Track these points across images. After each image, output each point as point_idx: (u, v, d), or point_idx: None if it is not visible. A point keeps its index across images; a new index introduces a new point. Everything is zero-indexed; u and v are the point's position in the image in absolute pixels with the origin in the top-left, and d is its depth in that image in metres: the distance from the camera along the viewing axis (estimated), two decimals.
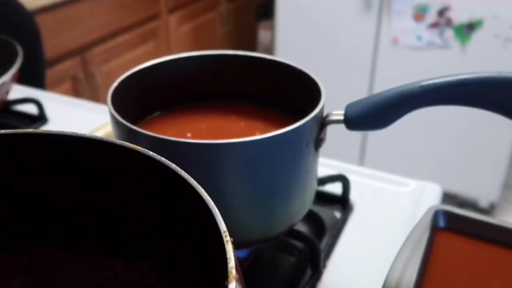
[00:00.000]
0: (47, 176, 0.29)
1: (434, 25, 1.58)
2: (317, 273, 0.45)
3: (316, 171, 0.44)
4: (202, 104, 0.49)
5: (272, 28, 1.94)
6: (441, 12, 1.56)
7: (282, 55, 1.81)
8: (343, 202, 0.54)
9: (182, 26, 1.98)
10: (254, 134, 0.35)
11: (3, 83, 0.61)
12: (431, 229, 0.43)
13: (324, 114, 0.40)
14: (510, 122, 0.38)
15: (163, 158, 0.25)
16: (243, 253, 0.46)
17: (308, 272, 0.45)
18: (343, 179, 0.53)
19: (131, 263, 0.31)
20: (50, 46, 1.45)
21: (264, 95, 0.49)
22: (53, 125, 0.71)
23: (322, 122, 0.40)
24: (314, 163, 0.42)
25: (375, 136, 1.78)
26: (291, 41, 1.80)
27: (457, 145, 1.73)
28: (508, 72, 0.35)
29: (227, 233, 0.20)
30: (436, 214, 0.44)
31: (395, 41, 1.63)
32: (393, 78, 1.65)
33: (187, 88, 0.49)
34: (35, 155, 0.28)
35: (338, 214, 0.53)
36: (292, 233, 0.45)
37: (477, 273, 0.41)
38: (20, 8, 1.07)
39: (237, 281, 0.18)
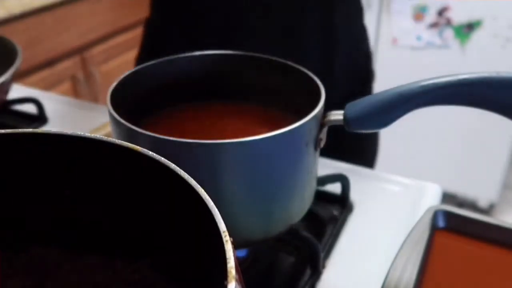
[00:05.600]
0: (47, 176, 0.29)
1: (434, 25, 1.58)
2: (316, 273, 0.45)
3: (316, 171, 0.44)
4: (202, 104, 0.49)
5: None
6: (441, 12, 1.56)
7: None
8: (342, 202, 0.54)
9: None
10: (254, 134, 0.35)
11: (3, 83, 0.61)
12: (430, 229, 0.43)
13: (324, 114, 0.40)
14: (510, 122, 0.38)
15: (163, 158, 0.25)
16: (242, 252, 0.46)
17: (308, 272, 0.45)
18: (343, 179, 0.53)
19: (130, 263, 0.31)
20: (50, 46, 1.45)
21: (264, 95, 0.49)
22: (53, 125, 0.71)
23: (322, 122, 0.40)
24: (313, 163, 0.42)
25: None
26: None
27: (457, 145, 1.73)
28: (507, 72, 0.35)
29: (226, 233, 0.21)
30: (436, 214, 0.44)
31: (394, 41, 1.63)
32: (393, 78, 1.65)
33: (187, 88, 0.49)
34: (35, 155, 0.28)
35: (337, 214, 0.53)
36: (292, 233, 0.45)
37: (476, 273, 0.41)
38: None
39: (236, 281, 0.19)
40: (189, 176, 0.24)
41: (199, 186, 0.23)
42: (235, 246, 0.22)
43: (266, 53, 0.48)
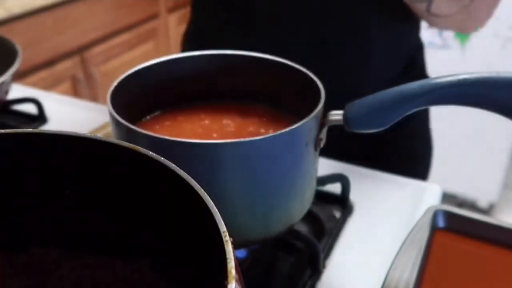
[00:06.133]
0: (47, 176, 0.29)
1: None
2: (316, 273, 0.45)
3: (315, 171, 0.44)
4: (202, 104, 0.49)
5: None
6: None
7: None
8: (342, 202, 0.54)
9: (182, 25, 1.97)
10: (254, 134, 0.35)
11: (3, 83, 0.61)
12: (430, 229, 0.43)
13: (324, 114, 0.40)
14: (510, 122, 0.38)
15: (163, 158, 0.25)
16: (242, 253, 0.46)
17: (308, 272, 0.45)
18: (343, 179, 0.53)
19: (130, 263, 0.31)
20: (50, 46, 1.45)
21: (264, 95, 0.49)
22: (53, 125, 0.71)
23: (322, 122, 0.40)
24: (313, 163, 0.42)
25: None
26: None
27: (457, 145, 1.73)
28: (507, 72, 0.35)
29: (226, 233, 0.20)
30: (436, 214, 0.44)
31: None
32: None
33: (187, 88, 0.49)
34: (35, 155, 0.28)
35: (337, 214, 0.53)
36: (292, 233, 0.45)
37: (476, 273, 0.41)
38: None
39: (236, 281, 0.19)
40: (189, 176, 0.24)
41: (199, 186, 0.23)
42: (235, 246, 0.22)
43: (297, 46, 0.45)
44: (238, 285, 0.19)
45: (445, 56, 1.60)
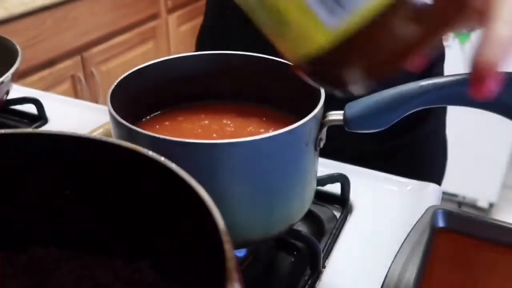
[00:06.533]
0: (47, 176, 0.29)
1: None
2: (316, 273, 0.45)
3: (315, 171, 0.44)
4: (202, 104, 0.49)
5: None
6: None
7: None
8: (342, 202, 0.54)
9: (182, 26, 1.98)
10: (254, 134, 0.35)
11: (3, 83, 0.61)
12: (430, 229, 0.43)
13: (324, 114, 0.40)
14: (510, 122, 0.38)
15: (163, 158, 0.25)
16: (242, 252, 0.46)
17: (308, 271, 0.45)
18: (343, 179, 0.53)
19: (130, 263, 0.31)
20: (50, 46, 1.45)
21: (264, 95, 0.49)
22: (53, 125, 0.71)
23: (322, 122, 0.40)
24: (313, 163, 0.42)
25: None
26: None
27: (457, 145, 1.73)
28: (507, 72, 0.35)
29: (226, 233, 0.21)
30: (436, 214, 0.44)
31: None
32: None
33: (187, 88, 0.49)
34: (35, 155, 0.28)
35: (337, 214, 0.52)
36: (292, 232, 0.45)
37: (476, 273, 0.41)
38: None
39: (236, 281, 0.19)
40: (189, 176, 0.24)
41: (199, 186, 0.23)
42: (235, 246, 0.22)
43: None
44: (238, 285, 0.19)
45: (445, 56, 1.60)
